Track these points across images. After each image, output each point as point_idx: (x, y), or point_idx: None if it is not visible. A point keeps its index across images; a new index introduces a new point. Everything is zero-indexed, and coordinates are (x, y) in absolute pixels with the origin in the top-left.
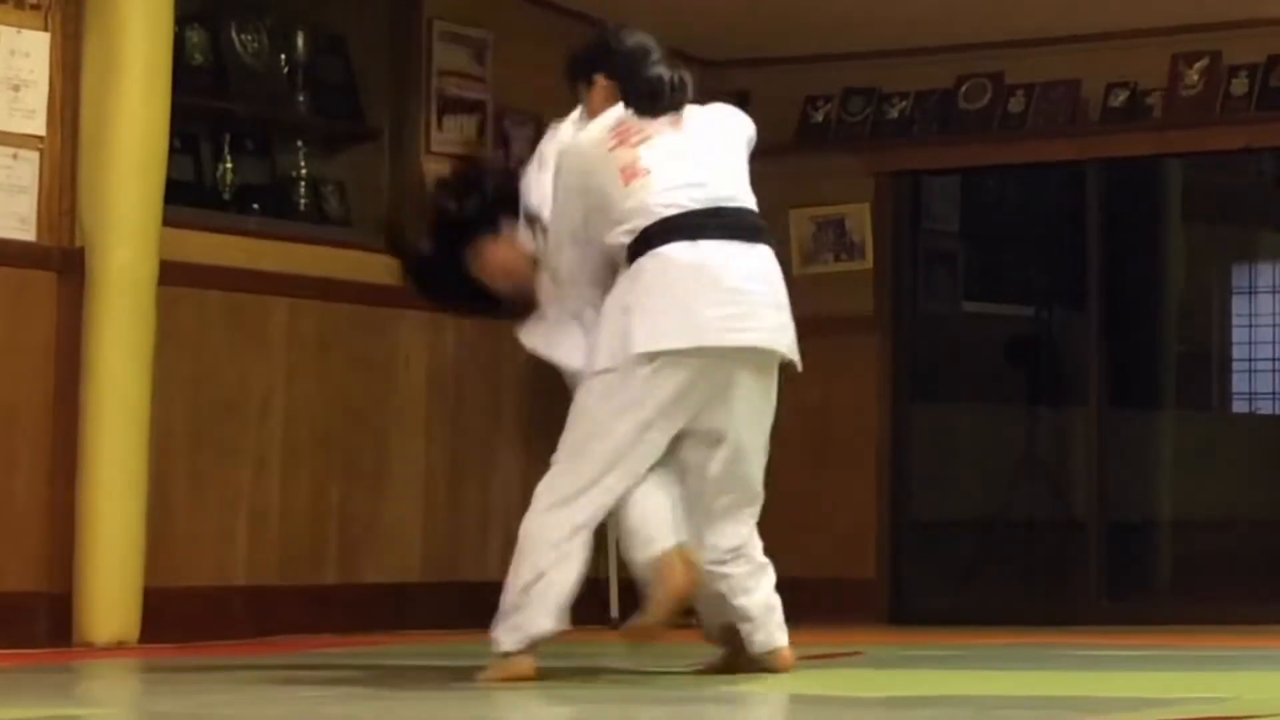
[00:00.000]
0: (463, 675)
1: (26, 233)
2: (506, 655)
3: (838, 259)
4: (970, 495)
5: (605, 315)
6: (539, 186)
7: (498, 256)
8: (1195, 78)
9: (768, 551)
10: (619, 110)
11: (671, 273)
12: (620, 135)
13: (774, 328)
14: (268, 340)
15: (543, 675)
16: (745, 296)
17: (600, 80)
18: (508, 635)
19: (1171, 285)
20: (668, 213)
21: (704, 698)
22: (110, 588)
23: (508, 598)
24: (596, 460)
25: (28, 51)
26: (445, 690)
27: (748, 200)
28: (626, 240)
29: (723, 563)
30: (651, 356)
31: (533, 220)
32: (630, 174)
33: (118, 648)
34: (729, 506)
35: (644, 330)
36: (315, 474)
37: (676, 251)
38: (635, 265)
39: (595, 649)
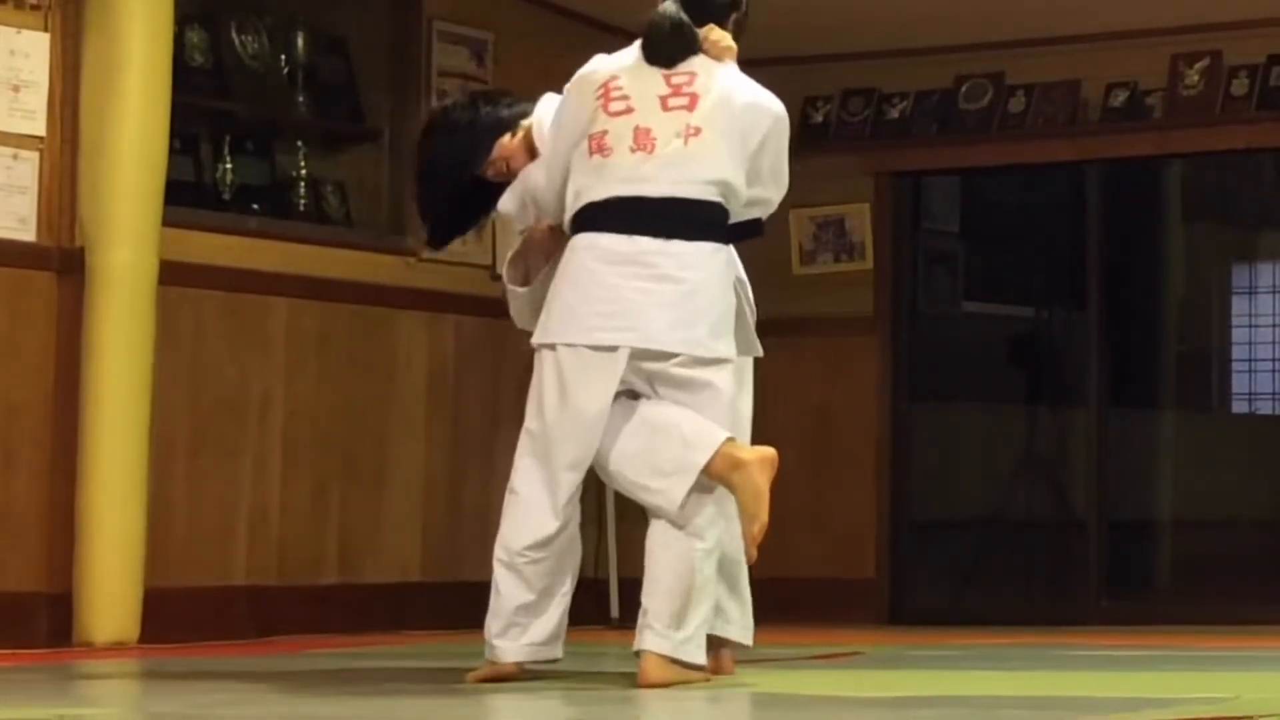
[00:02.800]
0: (461, 675)
1: (26, 233)
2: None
3: (838, 259)
4: (970, 495)
5: (551, 287)
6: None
7: (512, 148)
8: (1195, 78)
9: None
10: (633, 50)
11: (576, 263)
12: (605, 94)
13: (663, 327)
14: (267, 340)
15: (539, 675)
16: (633, 295)
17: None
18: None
19: (1171, 285)
20: (602, 199)
21: (702, 696)
22: (110, 588)
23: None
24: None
25: (28, 52)
26: (445, 690)
27: (702, 194)
28: (574, 209)
29: None
30: (542, 346)
31: None
32: (596, 146)
33: (118, 648)
34: None
35: (543, 320)
36: (315, 474)
37: (591, 241)
38: (570, 243)
39: (595, 649)
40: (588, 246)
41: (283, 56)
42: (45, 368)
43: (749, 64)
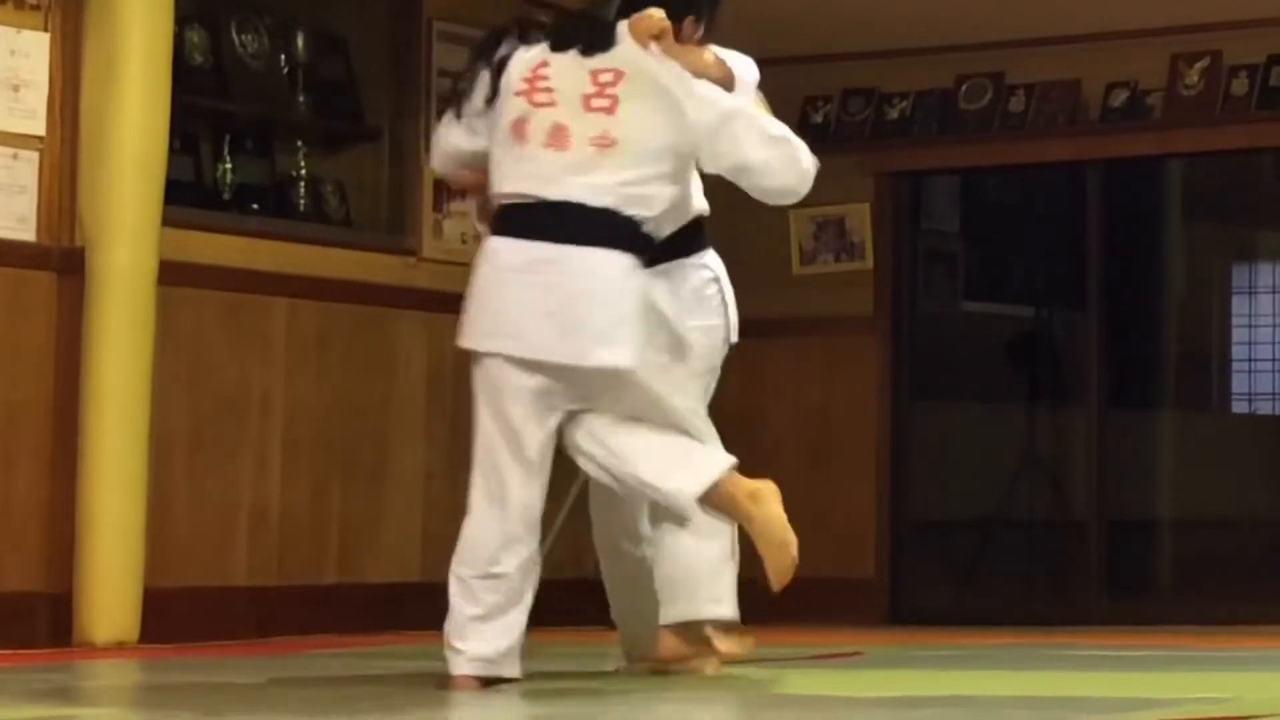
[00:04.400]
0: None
1: (26, 233)
2: None
3: (838, 259)
4: (970, 495)
5: None
6: None
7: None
8: (1195, 78)
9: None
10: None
11: (478, 271)
12: (532, 80)
13: (545, 336)
14: (267, 340)
15: (537, 675)
16: (520, 302)
17: None
18: None
19: (1171, 285)
20: (510, 194)
21: (702, 697)
22: (110, 588)
23: None
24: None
25: (28, 51)
26: (445, 690)
27: (607, 201)
28: (495, 197)
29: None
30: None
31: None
32: (516, 129)
33: (118, 648)
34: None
35: (464, 323)
36: (315, 474)
37: (493, 248)
38: (481, 247)
39: (595, 649)
40: (490, 253)
41: (283, 56)
42: (45, 368)
43: None
